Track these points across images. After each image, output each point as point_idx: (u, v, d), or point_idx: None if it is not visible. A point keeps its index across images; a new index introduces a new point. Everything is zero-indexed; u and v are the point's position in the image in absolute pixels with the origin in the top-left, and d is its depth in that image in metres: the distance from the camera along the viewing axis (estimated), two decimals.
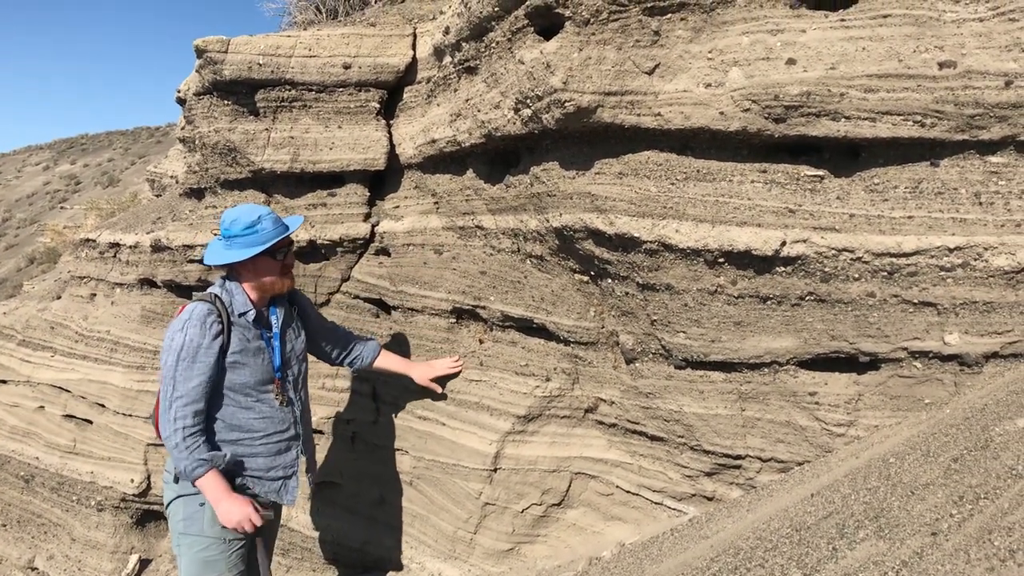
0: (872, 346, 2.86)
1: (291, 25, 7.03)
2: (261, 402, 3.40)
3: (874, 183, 2.81)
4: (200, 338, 3.19)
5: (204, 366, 3.19)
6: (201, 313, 3.24)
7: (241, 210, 3.38)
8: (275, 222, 3.41)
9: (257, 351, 3.39)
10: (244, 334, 3.35)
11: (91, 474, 5.44)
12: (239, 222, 3.32)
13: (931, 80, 2.64)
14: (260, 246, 3.31)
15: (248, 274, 3.41)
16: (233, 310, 3.36)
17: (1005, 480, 1.79)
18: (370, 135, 4.63)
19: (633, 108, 3.01)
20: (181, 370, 3.16)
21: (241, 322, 3.36)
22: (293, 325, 3.64)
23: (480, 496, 3.86)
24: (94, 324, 5.90)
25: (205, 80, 4.68)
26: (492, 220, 3.97)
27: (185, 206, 5.51)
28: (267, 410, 3.42)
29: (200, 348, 3.19)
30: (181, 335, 3.19)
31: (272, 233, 3.37)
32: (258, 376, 3.38)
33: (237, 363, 3.31)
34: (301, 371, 3.66)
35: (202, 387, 3.19)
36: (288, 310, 3.63)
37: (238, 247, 3.32)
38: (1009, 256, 2.56)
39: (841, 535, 2.01)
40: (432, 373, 4.09)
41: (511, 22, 3.37)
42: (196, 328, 3.20)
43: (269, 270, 3.43)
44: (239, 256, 3.31)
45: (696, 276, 3.04)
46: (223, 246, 3.38)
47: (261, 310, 3.47)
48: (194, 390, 3.17)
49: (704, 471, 3.42)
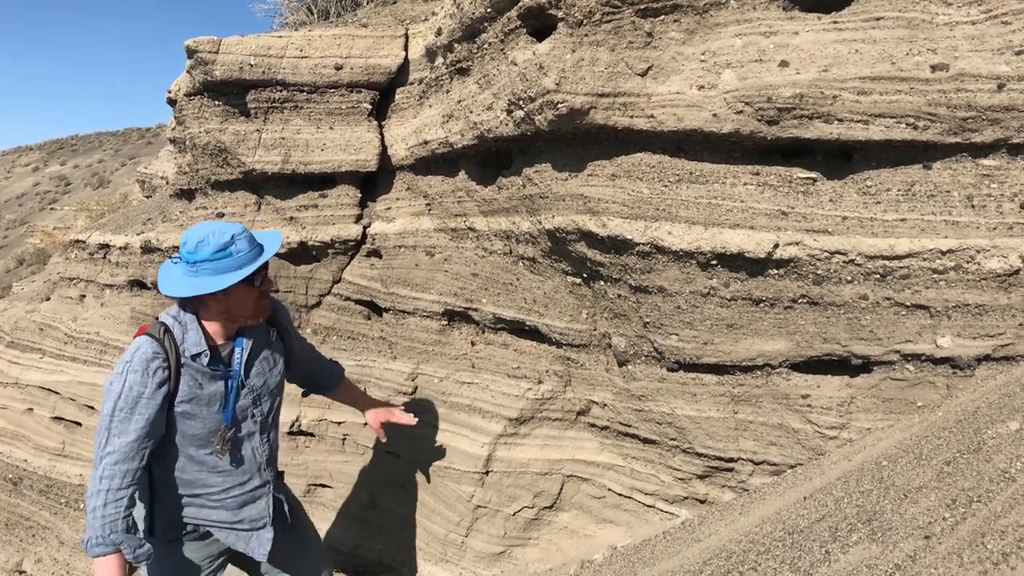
0: (865, 349, 2.86)
1: (283, 26, 7.01)
2: (212, 455, 2.93)
3: (867, 185, 2.81)
4: (141, 386, 2.69)
5: (143, 419, 2.69)
6: (144, 356, 2.72)
7: (208, 229, 2.79)
8: (250, 242, 2.86)
9: (212, 398, 2.88)
10: (196, 378, 2.83)
11: (80, 476, 5.40)
12: (207, 244, 2.74)
13: (924, 83, 2.64)
14: (234, 272, 2.78)
15: (216, 305, 2.84)
16: (184, 350, 2.81)
17: (998, 483, 1.79)
18: (362, 136, 4.61)
19: (626, 110, 3.01)
20: (117, 422, 2.67)
21: (194, 365, 2.82)
22: (266, 355, 3.10)
23: (472, 499, 3.85)
24: (83, 325, 5.87)
25: (196, 81, 4.66)
26: (484, 222, 3.96)
27: (175, 207, 5.48)
28: (220, 463, 2.95)
29: (140, 398, 2.69)
30: (120, 380, 2.70)
31: (248, 256, 2.82)
32: (212, 426, 2.89)
33: (187, 413, 2.82)
34: (274, 407, 3.15)
35: (138, 443, 2.68)
36: (262, 337, 3.10)
37: (207, 274, 2.76)
38: (1001, 259, 2.56)
39: (834, 538, 2.00)
40: (384, 418, 3.62)
41: (504, 23, 3.36)
42: (137, 374, 2.69)
43: (243, 301, 2.89)
44: (210, 287, 2.75)
45: (689, 278, 3.03)
46: (185, 272, 2.80)
47: (220, 347, 2.92)
48: (129, 447, 2.66)
49: (697, 474, 3.42)
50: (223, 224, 2.84)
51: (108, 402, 2.70)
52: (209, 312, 2.88)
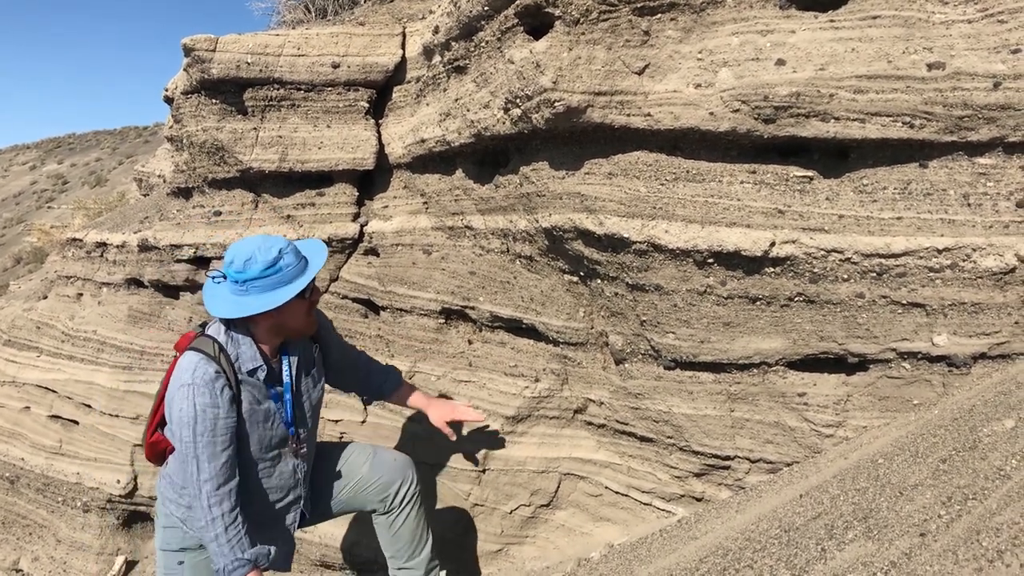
0: (861, 347, 2.86)
1: (280, 24, 7.01)
2: (261, 473, 2.93)
3: (863, 184, 2.81)
4: (214, 407, 2.68)
5: (227, 438, 2.71)
6: (207, 377, 2.69)
7: (253, 246, 2.76)
8: (296, 254, 2.84)
9: (266, 415, 2.89)
10: (254, 395, 2.83)
11: (77, 475, 5.40)
12: (256, 261, 2.73)
13: (920, 81, 2.64)
14: (286, 288, 2.77)
15: (267, 321, 2.83)
16: (240, 367, 2.81)
17: (993, 481, 1.80)
18: (359, 135, 4.61)
19: (623, 108, 3.01)
20: (203, 445, 2.66)
21: (251, 381, 2.82)
22: (312, 372, 3.10)
23: (468, 497, 3.86)
24: (80, 324, 5.86)
25: (193, 79, 4.66)
26: (481, 220, 3.96)
27: (173, 205, 5.48)
28: (267, 481, 2.96)
29: (217, 419, 2.68)
30: (190, 405, 2.66)
31: (297, 269, 2.82)
32: (264, 443, 2.89)
33: (241, 432, 2.81)
34: (314, 424, 3.17)
35: (231, 462, 2.72)
36: (307, 354, 3.09)
37: (257, 292, 2.74)
38: (997, 257, 2.57)
39: (830, 536, 2.01)
40: (451, 416, 3.51)
41: (501, 21, 3.36)
42: (205, 396, 2.67)
43: (296, 314, 2.87)
44: (264, 305, 2.74)
45: (685, 276, 3.03)
46: (234, 291, 2.78)
47: (272, 363, 2.93)
48: (223, 468, 2.69)
49: (693, 472, 3.42)
50: (267, 238, 2.82)
51: (185, 430, 2.67)
52: (259, 328, 2.87)
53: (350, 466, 3.32)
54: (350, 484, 3.29)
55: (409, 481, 3.33)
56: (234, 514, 2.70)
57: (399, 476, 3.30)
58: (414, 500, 3.33)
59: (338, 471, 3.32)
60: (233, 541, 2.69)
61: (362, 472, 3.29)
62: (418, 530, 3.33)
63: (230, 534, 2.68)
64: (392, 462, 3.34)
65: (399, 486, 3.29)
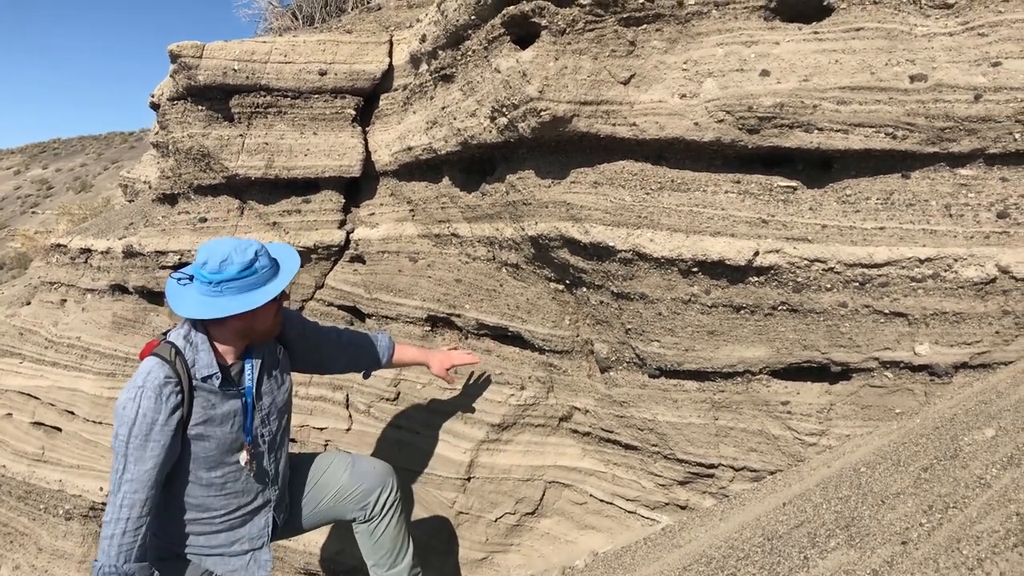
0: (844, 356, 2.88)
1: (267, 31, 7.00)
2: (226, 475, 2.89)
3: (846, 194, 2.83)
4: (155, 413, 2.63)
5: (159, 446, 2.64)
6: (156, 382, 2.65)
7: (229, 247, 2.74)
8: (268, 256, 2.84)
9: (225, 417, 2.84)
10: (208, 399, 2.79)
11: (59, 482, 5.36)
12: (232, 262, 2.70)
13: (903, 93, 2.67)
14: (261, 289, 2.77)
15: (237, 323, 2.80)
16: (195, 373, 2.76)
17: (974, 489, 1.81)
18: (345, 142, 4.61)
19: (608, 118, 3.02)
20: (133, 448, 2.61)
21: (205, 386, 2.78)
22: (275, 373, 3.06)
23: (454, 505, 3.85)
24: (64, 330, 5.83)
25: (179, 85, 4.65)
26: (468, 228, 3.97)
27: (158, 212, 5.46)
28: (231, 485, 2.91)
29: (155, 424, 2.63)
30: (133, 405, 2.63)
31: (271, 271, 2.82)
32: (225, 446, 2.85)
33: (200, 435, 2.77)
34: (282, 426, 3.11)
35: (157, 470, 2.64)
36: (271, 355, 3.07)
37: (232, 293, 2.73)
38: (978, 267, 2.59)
39: (813, 544, 2.02)
40: (450, 362, 3.64)
41: (487, 30, 3.37)
42: (150, 400, 2.63)
43: (266, 316, 2.87)
44: (243, 306, 2.72)
45: (670, 285, 3.05)
46: (206, 292, 2.75)
47: (230, 367, 2.88)
48: (147, 474, 2.62)
49: (677, 480, 3.43)
50: (241, 240, 2.79)
51: (123, 428, 2.64)
52: (224, 331, 2.84)
53: (329, 476, 3.30)
54: (330, 494, 3.28)
55: (389, 488, 3.31)
56: (140, 522, 2.62)
57: (379, 483, 3.29)
58: (395, 507, 3.32)
59: (317, 481, 3.30)
60: (123, 547, 2.59)
61: (342, 481, 3.28)
62: (399, 537, 3.32)
63: (125, 539, 2.59)
64: (372, 470, 3.33)
65: (379, 493, 3.28)
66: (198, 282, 2.77)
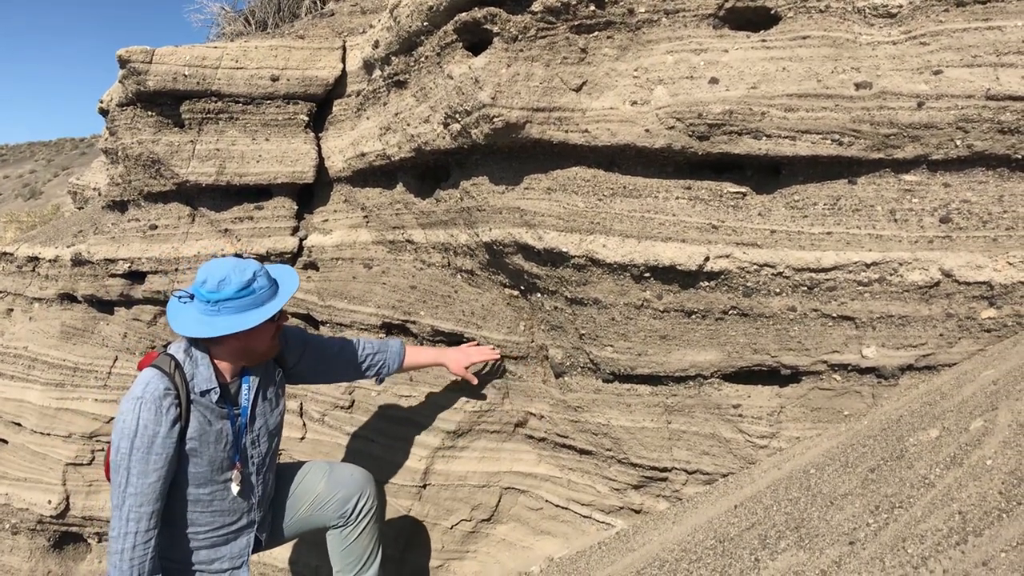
0: (793, 359, 2.92)
1: (219, 36, 6.94)
2: (213, 493, 2.90)
3: (794, 200, 2.87)
4: (156, 424, 2.65)
5: (162, 458, 2.67)
6: (156, 393, 2.68)
7: (228, 267, 2.78)
8: (268, 277, 2.87)
9: (218, 435, 2.86)
10: (205, 415, 2.81)
11: (5, 496, 5.24)
12: (230, 282, 2.74)
13: (848, 100, 2.71)
14: (258, 310, 2.79)
15: (234, 343, 2.84)
16: (194, 387, 2.80)
17: (918, 489, 1.84)
18: (298, 148, 4.58)
19: (561, 124, 3.03)
20: (136, 460, 2.63)
21: (203, 402, 2.81)
22: (270, 396, 3.09)
23: (409, 512, 3.83)
24: (11, 340, 5.71)
25: (129, 91, 4.58)
26: (422, 234, 3.96)
27: (108, 219, 5.37)
28: (218, 503, 2.93)
29: (157, 436, 2.65)
30: (133, 417, 2.65)
31: (269, 292, 2.85)
32: (215, 464, 2.87)
33: (194, 450, 2.79)
34: (271, 448, 3.13)
35: (161, 483, 2.67)
36: (268, 376, 3.09)
37: (229, 312, 2.75)
38: (923, 271, 2.63)
39: (763, 545, 2.04)
40: (468, 360, 3.59)
41: (440, 37, 3.37)
42: (151, 412, 2.65)
43: (263, 337, 2.91)
44: (239, 326, 2.75)
45: (623, 291, 3.06)
46: (204, 311, 2.77)
47: (228, 384, 2.92)
48: (151, 487, 2.65)
49: (632, 484, 3.45)
50: (240, 261, 2.84)
51: (124, 440, 2.65)
52: (223, 349, 2.87)
53: (306, 485, 3.30)
54: (307, 503, 3.27)
55: (368, 495, 3.32)
56: (149, 535, 2.65)
57: (356, 490, 3.29)
58: (371, 514, 3.32)
59: (294, 491, 3.29)
60: (135, 561, 2.62)
61: (319, 489, 3.27)
62: (370, 546, 3.32)
63: (136, 553, 2.62)
64: (349, 477, 3.33)
65: (357, 499, 3.28)
66: (198, 301, 2.79)
